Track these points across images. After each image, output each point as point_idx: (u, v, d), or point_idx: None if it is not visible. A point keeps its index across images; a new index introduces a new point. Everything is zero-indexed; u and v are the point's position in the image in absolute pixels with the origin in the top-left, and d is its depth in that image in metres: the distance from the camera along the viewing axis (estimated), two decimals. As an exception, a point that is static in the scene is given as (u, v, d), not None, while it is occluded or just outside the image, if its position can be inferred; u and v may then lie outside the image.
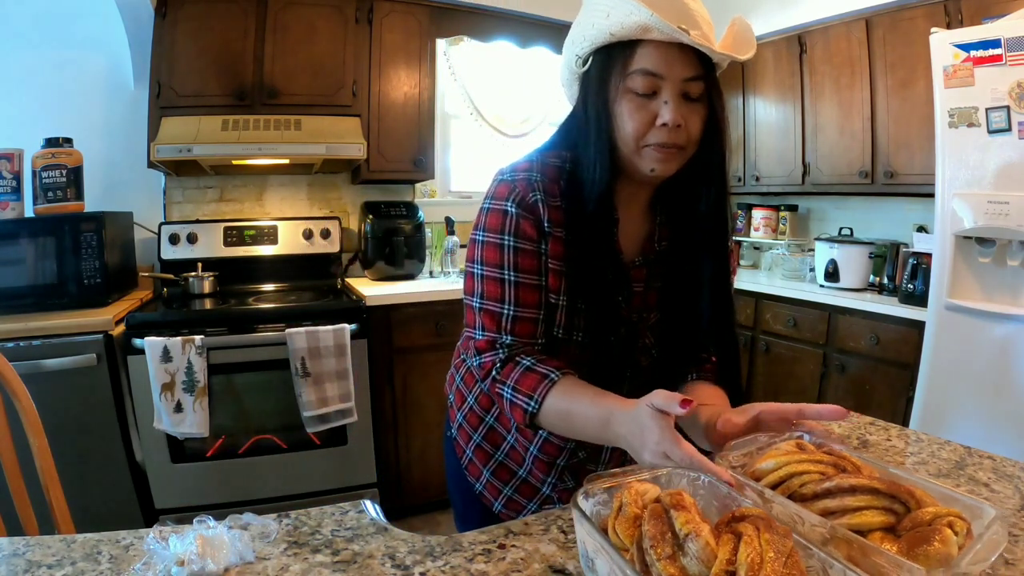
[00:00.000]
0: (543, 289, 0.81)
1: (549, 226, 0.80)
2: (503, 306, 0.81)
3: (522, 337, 0.81)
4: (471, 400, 0.96)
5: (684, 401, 0.60)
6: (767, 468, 0.61)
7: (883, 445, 0.91)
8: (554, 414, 0.75)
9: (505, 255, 0.80)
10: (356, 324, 2.13)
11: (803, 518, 0.52)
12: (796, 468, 0.59)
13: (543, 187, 0.80)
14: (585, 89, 0.81)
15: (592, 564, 0.51)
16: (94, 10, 2.31)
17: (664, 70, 0.72)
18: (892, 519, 0.53)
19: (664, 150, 0.75)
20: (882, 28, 2.41)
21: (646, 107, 0.74)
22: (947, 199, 1.90)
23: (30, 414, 0.99)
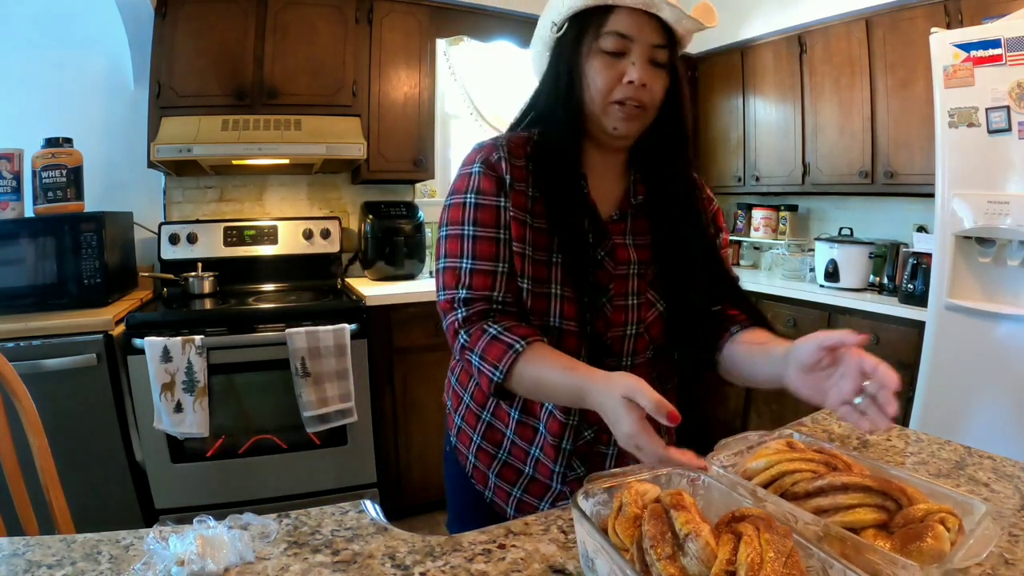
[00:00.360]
0: (502, 242, 0.83)
1: (511, 180, 0.83)
2: (461, 260, 0.84)
3: (479, 290, 0.82)
4: (467, 399, 0.96)
5: (671, 414, 0.60)
6: (758, 467, 0.61)
7: (883, 445, 0.91)
8: (527, 381, 0.77)
9: (465, 212, 0.84)
10: (356, 324, 2.13)
11: (796, 516, 0.53)
12: (787, 467, 0.60)
13: (507, 148, 0.85)
14: (558, 53, 0.86)
15: (592, 564, 0.51)
16: (94, 10, 2.31)
17: (635, 33, 0.78)
18: (884, 516, 0.53)
19: (627, 108, 0.80)
20: (882, 28, 2.41)
21: (615, 66, 0.80)
22: (947, 199, 1.90)
23: (30, 414, 0.99)
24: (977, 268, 1.89)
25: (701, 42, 3.32)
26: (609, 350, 0.86)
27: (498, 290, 0.82)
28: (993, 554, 0.59)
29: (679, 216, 0.88)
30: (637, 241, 0.88)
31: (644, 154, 0.89)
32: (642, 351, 0.88)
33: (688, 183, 0.89)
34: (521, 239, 0.83)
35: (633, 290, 0.87)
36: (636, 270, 0.87)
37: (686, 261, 0.87)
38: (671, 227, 0.88)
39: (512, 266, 0.83)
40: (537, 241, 0.83)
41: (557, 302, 0.84)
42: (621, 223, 0.88)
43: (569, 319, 0.84)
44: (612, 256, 0.86)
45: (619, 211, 0.88)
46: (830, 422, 1.00)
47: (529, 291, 0.83)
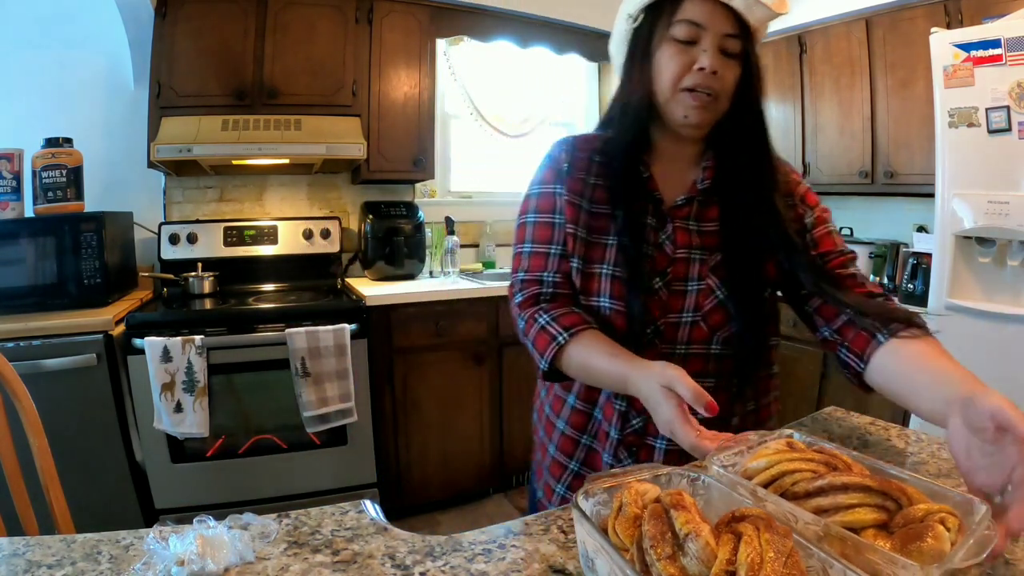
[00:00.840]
0: (557, 226, 0.89)
1: (569, 168, 0.89)
2: (523, 245, 0.92)
3: (534, 271, 0.89)
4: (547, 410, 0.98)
5: (709, 405, 0.63)
6: (758, 467, 0.61)
7: (883, 445, 0.91)
8: (575, 368, 0.82)
9: (530, 202, 0.93)
10: (356, 324, 2.13)
11: (796, 516, 0.53)
12: (787, 467, 0.59)
13: (573, 142, 0.92)
14: (633, 44, 0.88)
15: (592, 564, 0.51)
16: (94, 10, 2.31)
17: (706, 21, 0.79)
18: (884, 516, 0.53)
19: (697, 96, 0.80)
20: (882, 28, 2.42)
21: (686, 53, 0.80)
22: (947, 199, 1.90)
23: (30, 414, 0.99)
24: (977, 268, 1.89)
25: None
26: (661, 335, 0.85)
27: (550, 269, 0.88)
28: (993, 554, 0.59)
29: (750, 206, 0.86)
30: (703, 227, 0.87)
31: (721, 144, 0.88)
32: (699, 341, 0.85)
33: (764, 173, 0.87)
34: (574, 221, 0.87)
35: (692, 275, 0.85)
36: (698, 255, 0.86)
37: (754, 252, 0.85)
38: (742, 216, 0.86)
39: (566, 247, 0.88)
40: (594, 224, 0.87)
41: (606, 282, 0.85)
42: (686, 208, 0.87)
43: (617, 299, 0.84)
44: (672, 240, 0.86)
45: (686, 196, 0.88)
46: (830, 423, 1.00)
47: (579, 270, 0.86)
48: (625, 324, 0.84)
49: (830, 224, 0.90)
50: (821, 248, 0.88)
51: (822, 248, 0.88)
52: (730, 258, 0.86)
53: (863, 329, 0.81)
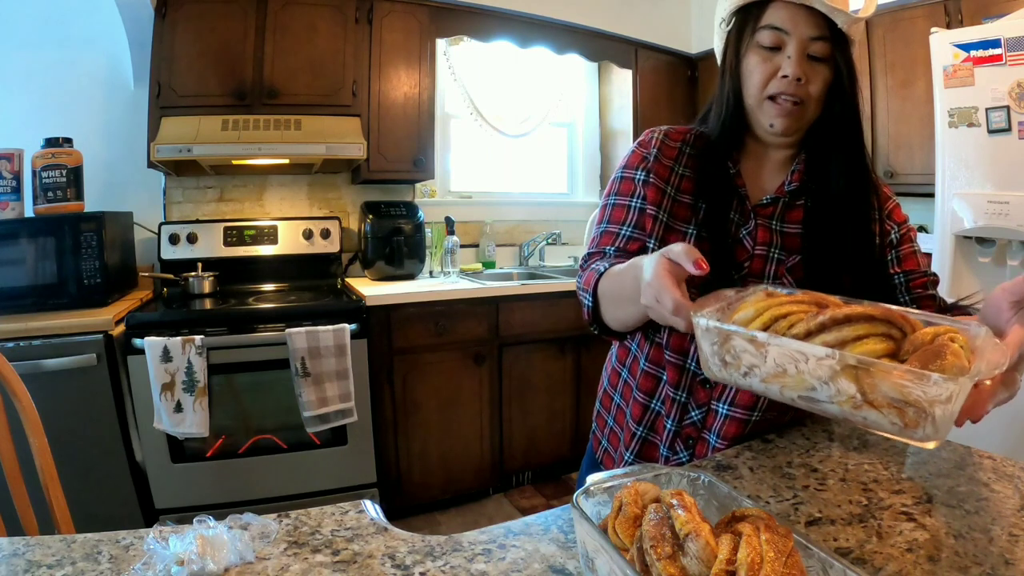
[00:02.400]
0: (633, 209, 0.90)
1: (657, 153, 0.90)
2: (601, 226, 0.94)
3: (602, 246, 0.91)
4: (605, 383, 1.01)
5: (699, 261, 0.60)
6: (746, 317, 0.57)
7: (883, 445, 0.91)
8: (608, 293, 0.81)
9: (613, 185, 0.94)
10: (356, 324, 2.13)
11: (806, 354, 0.49)
12: (779, 311, 0.55)
13: (665, 131, 0.93)
14: (724, 49, 0.88)
15: (592, 564, 0.51)
16: (94, 10, 2.31)
17: (790, 27, 0.78)
18: (893, 345, 0.51)
19: (782, 103, 0.80)
20: (882, 28, 2.41)
21: (771, 60, 0.80)
22: (947, 199, 1.90)
23: (30, 414, 0.99)
24: (977, 268, 1.89)
25: (701, 42, 3.32)
26: None
27: (616, 245, 0.89)
28: (993, 554, 0.59)
29: (835, 213, 0.84)
30: (786, 228, 0.87)
31: (813, 148, 0.87)
32: None
33: (853, 181, 0.85)
34: (656, 204, 0.88)
35: (769, 273, 0.85)
36: (777, 255, 0.85)
37: (834, 259, 0.83)
38: (825, 222, 0.84)
39: (639, 228, 0.88)
40: (677, 212, 0.87)
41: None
42: (771, 207, 0.87)
43: (691, 286, 0.82)
44: (753, 236, 0.86)
45: (772, 197, 0.87)
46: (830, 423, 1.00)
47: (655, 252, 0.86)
48: None
49: (915, 244, 0.89)
50: (905, 266, 0.87)
51: (906, 267, 0.87)
52: (809, 262, 0.84)
53: None
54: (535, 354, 2.56)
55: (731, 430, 0.87)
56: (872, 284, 0.84)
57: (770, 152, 0.89)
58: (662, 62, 3.21)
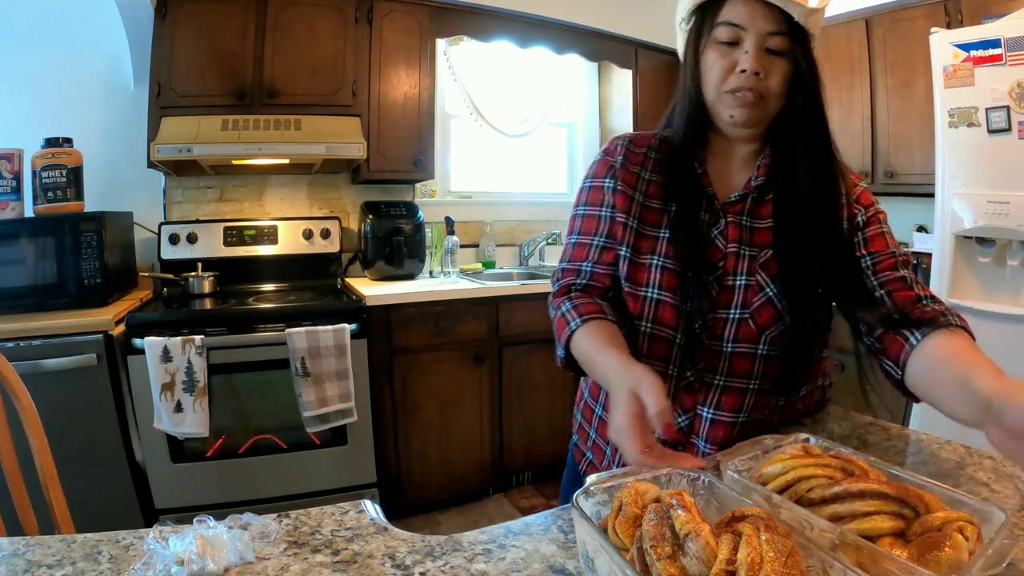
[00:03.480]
0: (603, 218, 0.90)
1: (623, 160, 0.91)
2: (571, 237, 0.94)
3: (574, 261, 0.91)
4: (587, 394, 1.00)
5: (669, 427, 0.61)
6: (773, 472, 0.61)
7: (883, 445, 0.91)
8: (581, 357, 0.82)
9: (581, 195, 0.95)
10: (356, 324, 2.13)
11: (812, 523, 0.52)
12: (803, 472, 0.59)
13: (629, 138, 0.94)
14: (684, 47, 0.88)
15: (592, 564, 0.51)
16: (94, 10, 2.31)
17: (746, 22, 0.78)
18: (902, 524, 0.52)
19: (741, 96, 0.80)
20: (882, 28, 2.42)
21: (729, 55, 0.80)
22: (947, 199, 1.90)
23: (30, 414, 0.99)
24: (977, 268, 1.89)
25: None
26: (710, 331, 0.84)
27: (590, 259, 0.90)
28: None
29: (804, 206, 0.84)
30: (757, 224, 0.86)
31: (778, 142, 0.87)
32: (747, 340, 0.83)
33: (820, 172, 0.85)
34: (626, 211, 0.88)
35: (742, 270, 0.84)
36: (748, 251, 0.85)
37: (805, 254, 0.83)
38: (794, 215, 0.84)
39: (611, 238, 0.89)
40: (647, 217, 0.88)
41: (657, 272, 0.85)
42: (740, 204, 0.87)
43: (667, 290, 0.84)
44: (724, 235, 0.86)
45: (740, 193, 0.87)
46: (829, 422, 1.00)
47: (629, 259, 0.87)
48: (674, 316, 0.84)
49: (884, 225, 0.87)
50: (871, 247, 0.85)
51: (872, 248, 0.85)
52: (781, 256, 0.84)
53: (897, 334, 0.79)
54: (535, 354, 2.56)
55: (719, 434, 0.87)
56: (842, 273, 0.83)
57: (735, 148, 0.89)
58: (662, 62, 3.21)
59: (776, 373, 0.85)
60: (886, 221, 0.88)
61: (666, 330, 0.85)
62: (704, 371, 0.85)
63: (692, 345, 0.84)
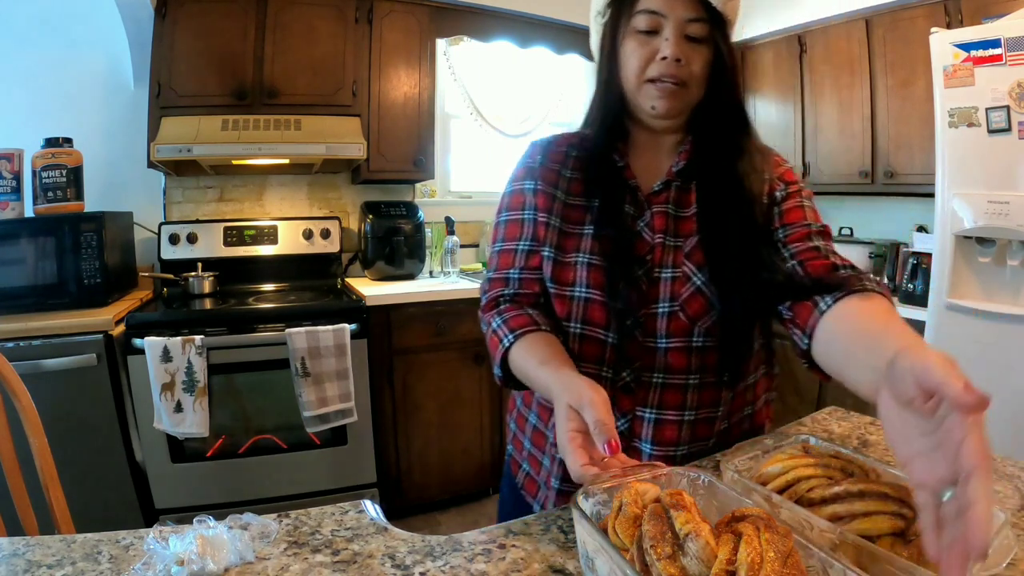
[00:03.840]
0: (526, 221, 0.88)
1: (543, 159, 0.89)
2: (495, 244, 0.91)
3: (501, 270, 0.88)
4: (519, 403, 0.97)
5: (611, 444, 0.59)
6: (773, 472, 0.61)
7: (883, 445, 0.91)
8: (519, 373, 0.80)
9: (504, 200, 0.92)
10: (356, 324, 2.13)
11: (812, 523, 0.52)
12: (803, 472, 0.59)
13: (550, 139, 0.93)
14: (600, 40, 0.87)
15: (592, 564, 0.51)
16: (94, 10, 2.31)
17: (665, 9, 0.77)
18: (902, 524, 0.52)
19: (663, 85, 0.79)
20: (882, 28, 2.41)
21: (648, 44, 0.79)
22: (947, 199, 1.90)
23: (30, 414, 0.99)
24: (977, 268, 1.89)
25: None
26: (642, 328, 0.81)
27: (516, 266, 0.87)
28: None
29: (727, 191, 0.83)
30: (682, 213, 0.84)
31: (699, 129, 0.86)
32: (680, 334, 0.81)
33: (740, 157, 0.84)
34: (547, 210, 0.86)
35: (668, 262, 0.82)
36: (673, 241, 0.82)
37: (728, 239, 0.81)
38: (716, 199, 0.83)
39: (536, 240, 0.86)
40: (570, 215, 0.85)
41: (583, 270, 0.82)
42: (664, 193, 0.85)
43: (595, 288, 0.81)
44: (650, 226, 0.83)
45: (663, 182, 0.85)
46: (829, 422, 1.00)
47: (553, 259, 0.84)
48: (604, 315, 0.81)
49: (803, 200, 0.84)
50: (786, 220, 0.82)
51: (787, 220, 0.82)
52: (707, 242, 0.81)
53: (809, 301, 0.73)
54: (535, 354, 2.56)
55: (667, 434, 0.83)
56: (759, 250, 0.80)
57: (657, 139, 0.87)
58: (662, 62, 3.21)
59: (716, 365, 0.82)
60: (809, 198, 0.85)
61: (597, 330, 0.82)
62: (640, 370, 0.82)
63: (625, 344, 0.81)
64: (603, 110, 0.86)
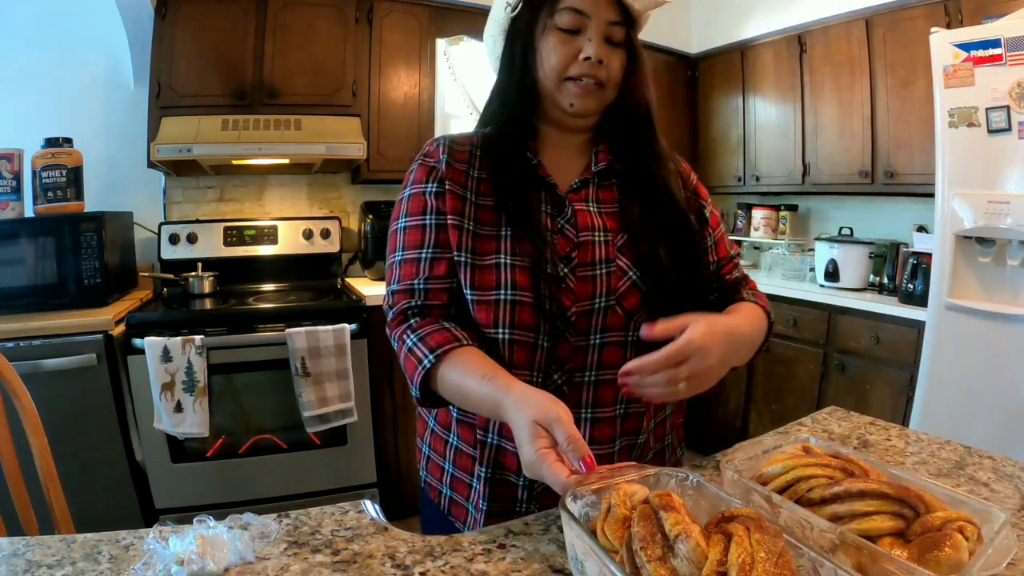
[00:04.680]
0: (428, 227, 0.82)
1: (448, 159, 0.83)
2: (395, 254, 0.85)
3: (404, 280, 0.82)
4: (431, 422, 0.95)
5: (586, 459, 0.58)
6: (773, 472, 0.61)
7: (883, 445, 0.91)
8: (449, 391, 0.75)
9: (401, 206, 0.86)
10: (356, 324, 2.13)
11: (812, 523, 0.52)
12: (803, 472, 0.59)
13: (450, 138, 0.87)
14: (512, 33, 0.85)
15: (582, 567, 0.51)
16: (94, 10, 2.31)
17: (591, 10, 0.78)
18: (902, 524, 0.52)
19: (583, 84, 0.79)
20: (882, 28, 2.41)
21: (570, 43, 0.79)
22: (947, 199, 1.90)
23: (30, 414, 0.99)
24: (977, 268, 1.89)
25: (701, 42, 3.32)
26: (571, 326, 0.78)
27: (421, 275, 0.81)
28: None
29: (644, 188, 0.84)
30: (604, 209, 0.84)
31: (609, 132, 0.87)
32: (615, 328, 0.80)
33: (655, 157, 0.86)
34: (459, 213, 0.81)
35: (601, 258, 0.80)
36: (603, 236, 0.81)
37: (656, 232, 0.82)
38: (638, 197, 0.84)
39: (441, 247, 0.81)
40: (483, 217, 0.81)
41: (506, 272, 0.78)
42: (582, 191, 0.85)
43: (522, 289, 0.77)
44: (573, 223, 0.81)
45: (579, 180, 0.85)
46: (830, 422, 1.00)
47: (470, 264, 0.79)
48: (533, 317, 0.78)
49: (721, 226, 0.93)
50: (719, 253, 0.91)
51: (719, 253, 0.91)
52: (634, 238, 0.82)
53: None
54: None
55: (606, 432, 0.82)
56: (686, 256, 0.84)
57: (566, 138, 0.87)
58: (661, 62, 3.21)
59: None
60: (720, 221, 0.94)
61: (527, 333, 0.78)
62: (572, 371, 0.79)
63: (555, 345, 0.78)
64: (514, 107, 0.84)
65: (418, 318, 0.81)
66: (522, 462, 0.62)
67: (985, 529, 0.51)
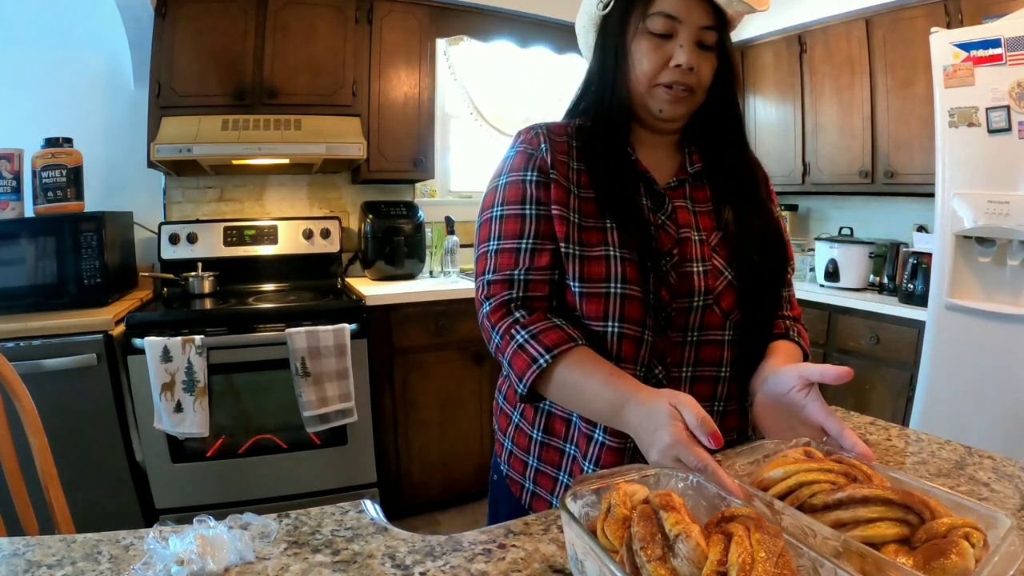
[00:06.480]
0: (528, 217, 0.81)
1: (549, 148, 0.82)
2: (489, 243, 0.82)
3: (502, 271, 0.80)
4: (516, 418, 0.92)
5: (715, 435, 0.59)
6: (775, 477, 0.59)
7: (883, 445, 0.91)
8: (566, 388, 0.74)
9: (496, 194, 0.84)
10: (356, 324, 2.13)
11: (815, 530, 0.51)
12: (806, 477, 0.58)
13: (547, 127, 0.85)
14: (604, 33, 0.84)
15: (582, 566, 0.51)
16: (94, 10, 2.31)
17: (683, 15, 0.76)
18: (906, 531, 0.51)
19: (674, 91, 0.79)
20: (882, 28, 2.41)
21: (662, 48, 0.78)
22: (947, 199, 1.90)
23: (30, 414, 0.99)
24: (977, 268, 1.89)
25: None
26: (672, 323, 0.79)
27: (520, 267, 0.79)
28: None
29: (738, 191, 0.85)
30: (698, 208, 0.84)
31: (698, 134, 0.87)
32: (713, 327, 0.81)
33: (747, 161, 0.88)
34: (563, 203, 0.80)
35: (698, 256, 0.81)
36: (699, 235, 0.82)
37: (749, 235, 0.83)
38: (731, 201, 0.85)
39: (542, 238, 0.80)
40: (586, 209, 0.80)
41: (617, 264, 0.77)
42: (679, 189, 0.85)
43: (632, 283, 0.77)
44: (673, 219, 0.82)
45: (676, 179, 0.85)
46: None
47: (579, 256, 0.78)
48: (641, 311, 0.77)
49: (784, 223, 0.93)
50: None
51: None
52: (728, 239, 0.83)
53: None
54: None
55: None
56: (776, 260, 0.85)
57: (657, 137, 0.87)
58: (662, 62, 3.21)
59: (736, 359, 0.83)
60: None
61: (635, 327, 0.78)
62: (670, 366, 0.80)
63: (657, 339, 0.79)
64: (609, 106, 0.83)
65: (523, 311, 0.78)
66: (656, 448, 0.62)
67: (990, 535, 0.51)
